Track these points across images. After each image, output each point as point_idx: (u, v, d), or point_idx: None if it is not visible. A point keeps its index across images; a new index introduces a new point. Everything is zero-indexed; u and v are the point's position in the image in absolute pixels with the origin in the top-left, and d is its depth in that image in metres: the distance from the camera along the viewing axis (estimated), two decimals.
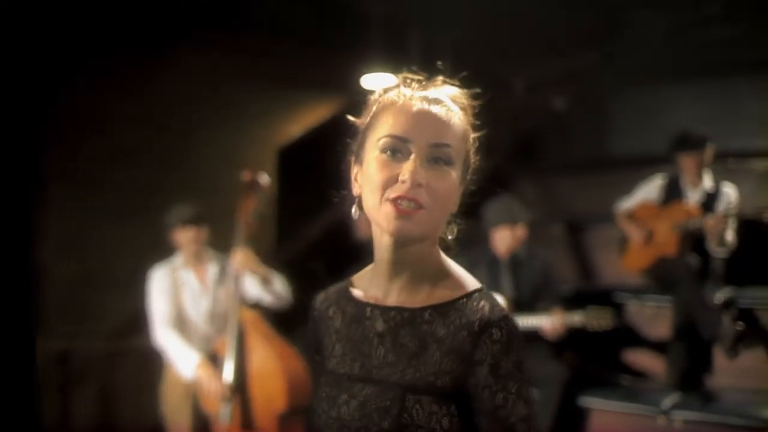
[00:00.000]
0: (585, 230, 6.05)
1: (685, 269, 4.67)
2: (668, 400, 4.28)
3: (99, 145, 5.44)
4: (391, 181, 1.40)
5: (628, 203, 5.20)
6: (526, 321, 4.41)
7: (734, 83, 6.69)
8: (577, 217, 6.20)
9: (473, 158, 1.55)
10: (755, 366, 4.44)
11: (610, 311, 4.27)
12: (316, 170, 7.09)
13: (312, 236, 6.07)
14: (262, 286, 4.16)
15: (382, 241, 1.46)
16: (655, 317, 4.94)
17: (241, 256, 4.07)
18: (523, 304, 4.59)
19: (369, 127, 1.50)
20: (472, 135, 1.55)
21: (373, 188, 1.42)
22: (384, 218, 1.40)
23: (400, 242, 1.43)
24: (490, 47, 7.60)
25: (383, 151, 1.43)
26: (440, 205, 1.42)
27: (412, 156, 1.40)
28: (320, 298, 1.60)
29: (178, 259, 4.34)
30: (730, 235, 4.70)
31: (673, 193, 5.05)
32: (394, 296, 1.48)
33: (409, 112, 1.44)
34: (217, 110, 6.26)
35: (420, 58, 7.58)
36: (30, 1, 4.90)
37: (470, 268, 4.19)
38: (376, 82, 7.00)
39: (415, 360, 1.41)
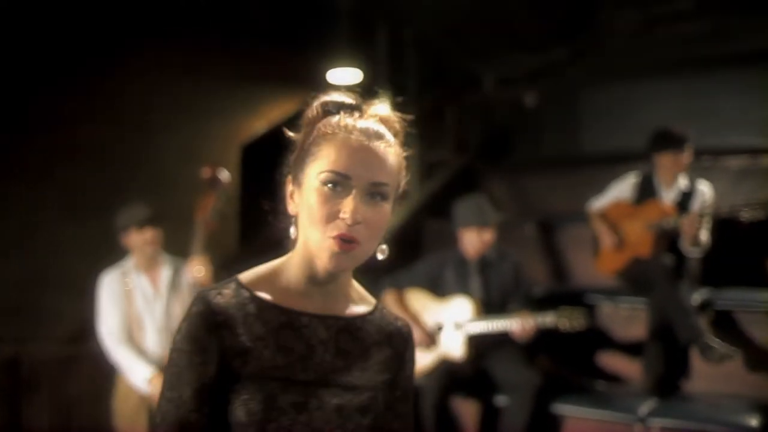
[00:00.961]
0: (557, 230, 5.89)
1: (660, 270, 4.53)
2: (645, 407, 4.12)
3: (52, 142, 5.23)
4: (332, 216, 1.48)
5: (601, 202, 5.07)
6: (495, 324, 4.25)
7: (708, 79, 6.64)
8: (549, 216, 6.05)
9: (403, 184, 1.61)
10: (734, 370, 4.32)
11: (582, 311, 4.11)
12: (282, 167, 7.06)
13: (276, 237, 5.82)
14: None
15: (315, 266, 1.55)
16: (629, 320, 4.80)
17: (197, 268, 3.87)
18: (493, 306, 4.43)
19: (308, 151, 1.55)
20: (405, 163, 1.61)
21: (314, 221, 1.49)
22: (325, 253, 1.49)
23: (335, 272, 1.54)
24: (459, 42, 7.50)
25: (324, 183, 1.49)
26: (375, 238, 1.52)
27: (353, 193, 1.48)
28: (218, 303, 1.52)
29: (130, 263, 4.09)
30: (704, 235, 4.57)
31: (647, 191, 4.92)
32: (320, 306, 1.58)
33: (350, 147, 1.50)
34: (177, 106, 6.09)
35: (387, 53, 7.55)
36: None
37: (438, 270, 4.04)
38: (341, 76, 6.89)
39: (362, 362, 1.59)
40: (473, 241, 4.42)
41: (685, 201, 4.80)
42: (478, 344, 4.38)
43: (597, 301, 4.92)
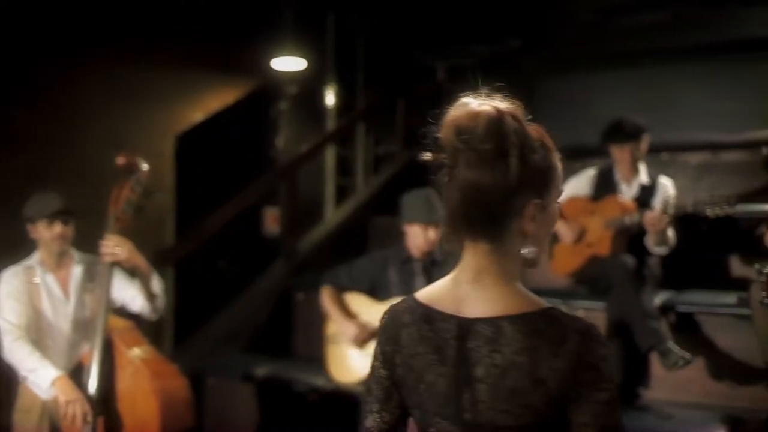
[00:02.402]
0: None
1: (619, 270, 4.23)
2: None
3: None
4: None
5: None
6: None
7: (667, 71, 6.42)
8: None
9: None
10: (696, 378, 4.09)
11: None
12: (219, 157, 6.67)
13: (213, 230, 5.47)
14: (139, 283, 3.53)
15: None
16: None
17: (113, 244, 3.44)
18: None
19: (552, 175, 1.52)
20: None
21: (548, 236, 1.59)
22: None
23: None
24: (410, 32, 7.21)
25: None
26: None
27: None
28: None
29: (35, 259, 3.65)
30: (671, 232, 4.29)
31: (605, 186, 4.64)
32: None
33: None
34: (105, 90, 5.69)
35: (335, 43, 7.24)
36: None
37: (380, 269, 3.67)
38: (286, 64, 6.58)
39: None
40: (418, 237, 4.08)
41: (646, 196, 4.55)
42: None
43: (551, 304, 4.58)
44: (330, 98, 7.16)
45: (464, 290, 1.48)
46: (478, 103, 1.47)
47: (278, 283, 5.65)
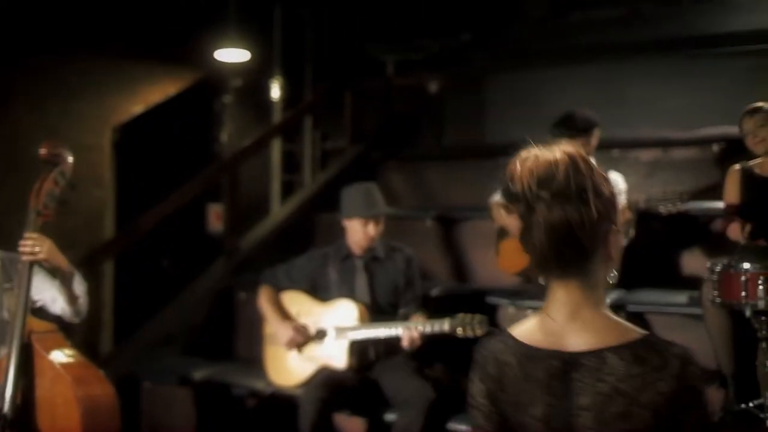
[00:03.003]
0: (459, 225, 5.48)
1: None
2: None
3: None
4: None
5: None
6: (382, 330, 3.73)
7: (618, 67, 6.33)
8: (451, 209, 5.62)
9: None
10: None
11: (482, 318, 3.61)
12: (162, 151, 6.46)
13: (150, 226, 5.26)
14: (59, 284, 3.31)
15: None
16: None
17: (32, 243, 3.20)
18: (382, 309, 3.93)
19: (617, 201, 1.69)
20: None
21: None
22: None
23: None
24: (359, 25, 7.06)
25: None
26: None
27: None
28: None
29: None
30: (630, 227, 4.20)
31: None
32: None
33: None
34: (42, 82, 5.44)
35: (282, 34, 7.05)
36: None
37: (320, 267, 3.51)
38: (230, 56, 6.40)
39: None
40: (358, 233, 3.91)
41: None
42: (364, 352, 3.87)
43: (501, 303, 4.49)
44: (276, 91, 6.96)
45: (561, 326, 1.59)
46: (548, 153, 1.63)
47: (219, 282, 5.43)
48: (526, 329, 1.67)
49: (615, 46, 6.32)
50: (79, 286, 3.37)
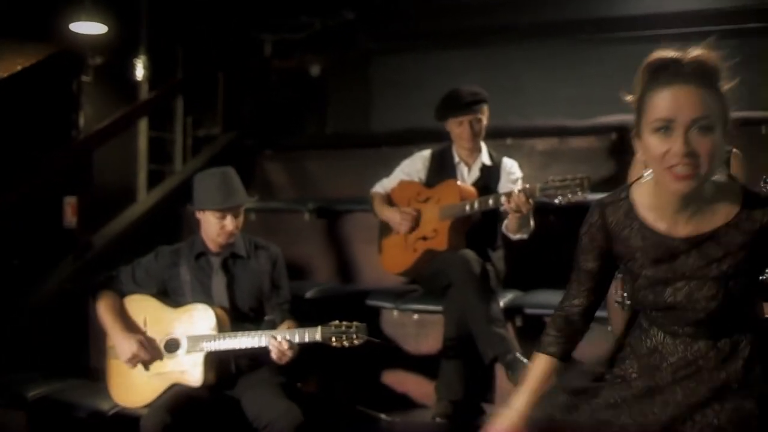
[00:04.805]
0: (341, 218, 5.09)
1: (458, 268, 3.66)
2: None
3: None
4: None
5: (386, 184, 4.27)
6: (247, 340, 3.19)
7: (512, 52, 6.18)
8: (332, 202, 5.22)
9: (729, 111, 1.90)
10: None
11: (362, 327, 3.12)
12: (7, 135, 5.74)
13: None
14: None
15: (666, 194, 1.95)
16: (422, 330, 3.98)
17: None
18: (243, 315, 3.39)
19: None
20: (722, 95, 1.88)
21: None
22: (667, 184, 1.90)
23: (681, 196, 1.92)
24: (235, 2, 6.62)
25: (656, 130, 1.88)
26: (708, 163, 1.85)
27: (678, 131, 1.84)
28: (608, 214, 2.09)
29: None
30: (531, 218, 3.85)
31: (442, 170, 4.13)
32: (682, 227, 1.97)
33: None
34: None
35: (149, 9, 6.46)
36: None
37: (171, 266, 2.94)
38: (87, 29, 5.78)
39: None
40: (212, 227, 3.37)
41: (488, 180, 4.08)
42: (223, 366, 3.32)
43: (383, 307, 4.10)
44: (140, 71, 6.34)
45: None
46: None
47: (66, 283, 4.78)
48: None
49: (507, 29, 6.13)
50: None
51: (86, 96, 6.25)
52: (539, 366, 2.21)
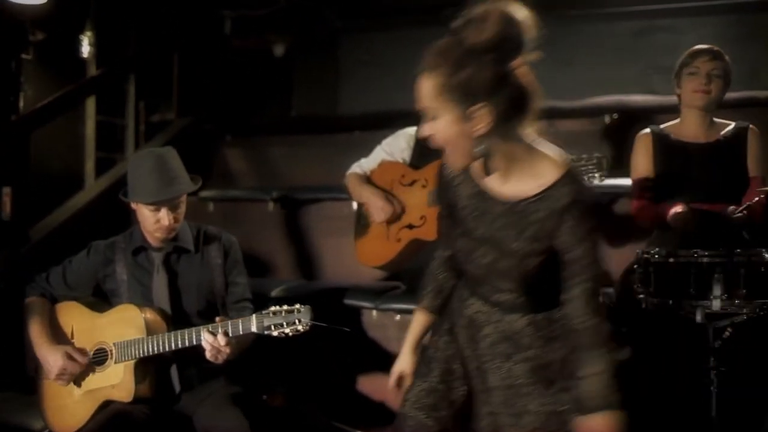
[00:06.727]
0: (308, 207, 4.87)
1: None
2: None
3: None
4: None
5: (365, 165, 3.92)
6: (178, 339, 2.72)
7: None
8: (298, 190, 5.00)
9: None
10: None
11: (306, 308, 2.63)
12: None
13: None
14: None
15: None
16: (404, 332, 3.52)
17: None
18: (189, 320, 2.90)
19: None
20: None
21: None
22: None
23: None
24: None
25: None
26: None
27: None
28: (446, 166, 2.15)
29: None
30: None
31: (429, 149, 3.66)
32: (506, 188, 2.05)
33: None
34: None
35: None
36: None
37: (105, 264, 2.35)
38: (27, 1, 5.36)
39: None
40: (148, 220, 2.89)
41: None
42: (161, 376, 2.86)
43: (360, 304, 3.86)
44: (86, 48, 6.00)
45: None
46: None
47: None
48: None
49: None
50: None
51: (26, 76, 5.93)
52: (416, 320, 2.37)
